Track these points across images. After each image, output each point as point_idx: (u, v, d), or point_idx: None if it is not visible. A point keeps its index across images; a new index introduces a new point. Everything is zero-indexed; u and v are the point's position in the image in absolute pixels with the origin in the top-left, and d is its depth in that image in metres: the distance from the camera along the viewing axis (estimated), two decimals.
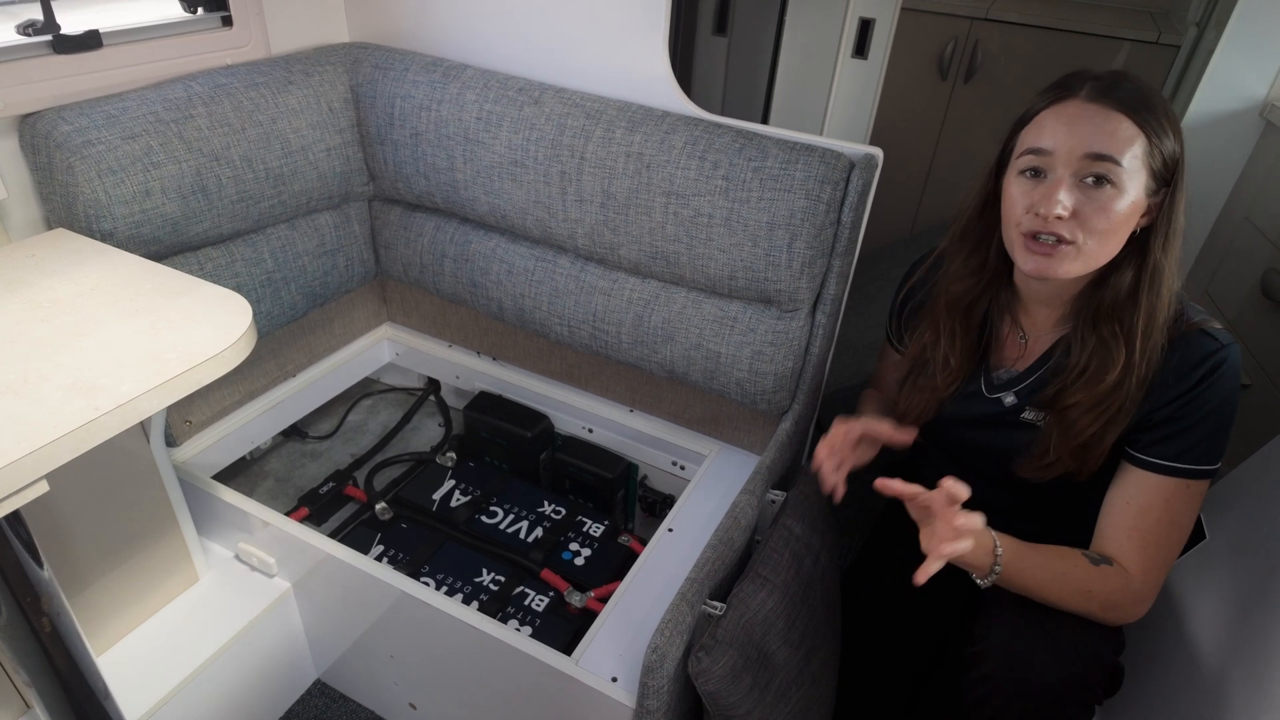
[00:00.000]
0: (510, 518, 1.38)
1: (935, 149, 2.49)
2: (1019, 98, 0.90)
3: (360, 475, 1.52)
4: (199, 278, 0.89)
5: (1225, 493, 1.14)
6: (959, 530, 0.79)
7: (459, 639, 1.05)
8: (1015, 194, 0.86)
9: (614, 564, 1.30)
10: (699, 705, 0.91)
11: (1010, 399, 0.98)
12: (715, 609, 0.91)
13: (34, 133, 1.02)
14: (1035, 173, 0.84)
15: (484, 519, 1.38)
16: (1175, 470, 0.87)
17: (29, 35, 1.04)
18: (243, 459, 1.45)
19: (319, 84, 1.29)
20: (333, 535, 1.31)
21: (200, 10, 1.24)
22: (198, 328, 0.80)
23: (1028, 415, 0.96)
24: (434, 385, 1.73)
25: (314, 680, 1.34)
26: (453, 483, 1.45)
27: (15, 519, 0.73)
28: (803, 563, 1.03)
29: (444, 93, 1.28)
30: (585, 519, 1.38)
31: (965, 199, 0.97)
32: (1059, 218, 0.81)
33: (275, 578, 1.22)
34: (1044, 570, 0.88)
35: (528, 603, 1.22)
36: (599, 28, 1.22)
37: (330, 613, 1.22)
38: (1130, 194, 0.81)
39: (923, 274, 1.08)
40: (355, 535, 1.34)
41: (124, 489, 1.06)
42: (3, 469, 0.61)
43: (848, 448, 0.98)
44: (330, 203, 1.38)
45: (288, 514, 1.28)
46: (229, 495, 1.19)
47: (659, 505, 1.49)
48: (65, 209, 1.04)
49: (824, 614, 1.06)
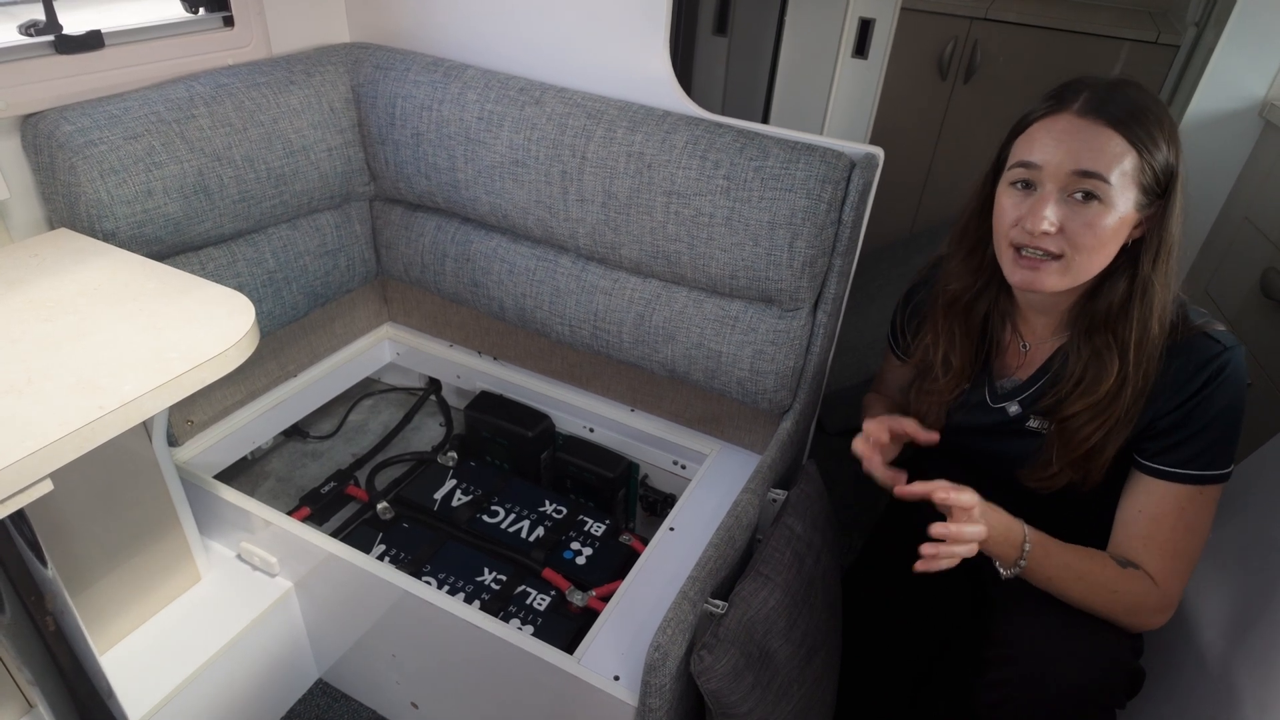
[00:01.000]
0: (512, 517, 1.38)
1: (935, 149, 2.49)
2: (1019, 98, 0.90)
3: (361, 475, 1.52)
4: (201, 277, 0.90)
5: (1228, 492, 1.14)
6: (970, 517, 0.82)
7: (461, 638, 1.05)
8: (1005, 205, 0.86)
9: (615, 563, 1.30)
10: (701, 704, 0.91)
11: (1015, 408, 0.98)
12: (717, 608, 0.91)
13: (36, 133, 1.02)
14: (1025, 185, 0.85)
15: (485, 518, 1.38)
16: (1186, 477, 0.87)
17: (31, 35, 1.04)
18: (244, 459, 1.45)
19: (320, 84, 1.29)
20: (334, 535, 1.31)
21: (202, 10, 1.25)
22: (200, 327, 0.80)
23: (1033, 424, 0.96)
24: (435, 385, 1.73)
25: (316, 679, 1.34)
26: (454, 482, 1.45)
27: (19, 518, 0.73)
28: (804, 561, 1.03)
29: (445, 93, 1.29)
30: (586, 518, 1.38)
31: (967, 200, 0.97)
32: (1045, 233, 0.82)
33: (277, 577, 1.22)
34: (1070, 567, 0.88)
35: (529, 602, 1.22)
36: (600, 28, 1.22)
37: (332, 612, 1.22)
38: (1118, 210, 0.81)
39: (922, 276, 1.08)
40: (357, 535, 1.34)
41: (126, 489, 1.06)
42: (7, 468, 0.61)
43: (884, 444, 0.98)
44: (331, 202, 1.38)
45: (289, 514, 1.28)
46: (231, 495, 1.19)
47: (660, 504, 1.49)
48: (68, 209, 1.04)
49: (825, 613, 1.06)
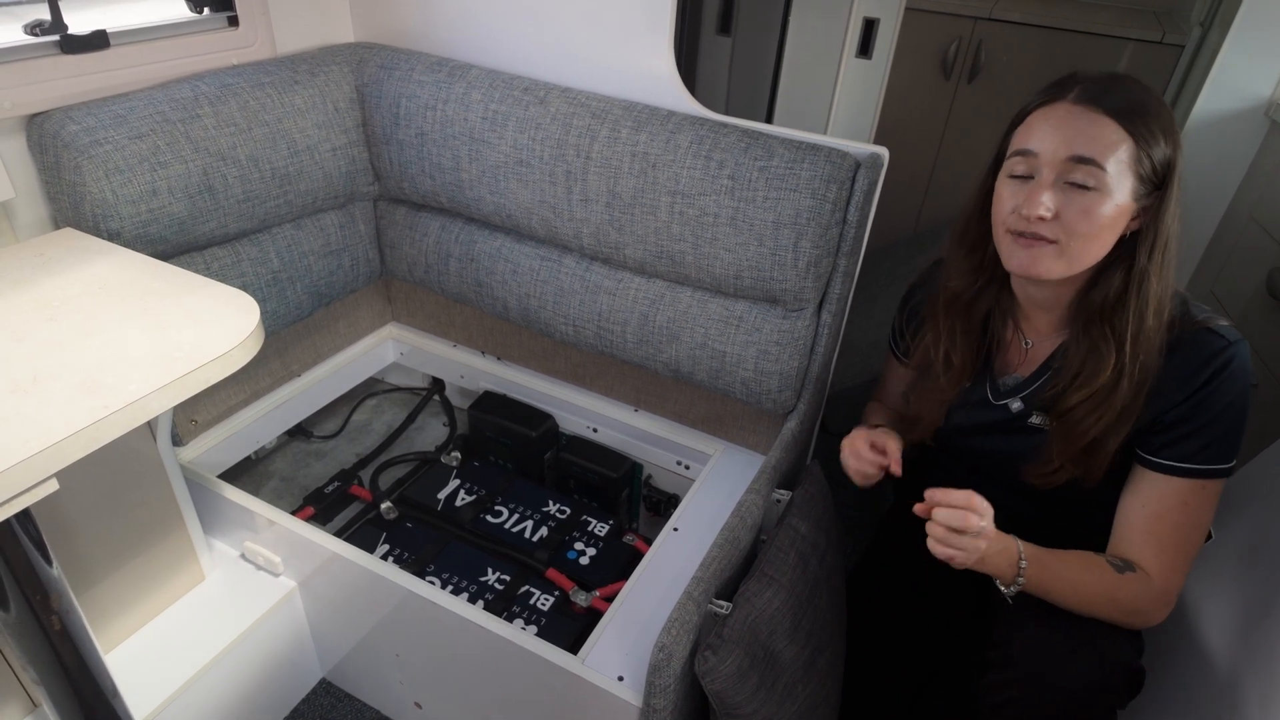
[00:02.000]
0: (515, 517, 1.38)
1: (939, 149, 2.48)
2: (1022, 97, 0.90)
3: (365, 475, 1.52)
4: (205, 277, 0.90)
5: (1232, 492, 1.14)
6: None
7: (464, 638, 1.05)
8: (1004, 194, 0.87)
9: (619, 563, 1.30)
10: (705, 704, 0.91)
11: (1017, 404, 0.98)
12: (721, 608, 0.91)
13: (41, 132, 1.02)
14: (1024, 175, 0.85)
15: (489, 518, 1.38)
16: (1188, 471, 0.87)
17: (36, 35, 1.05)
18: (248, 458, 1.45)
19: (324, 84, 1.29)
20: (338, 535, 1.31)
21: (206, 10, 1.25)
22: (205, 327, 0.80)
23: (1035, 420, 0.97)
24: (439, 385, 1.73)
25: (319, 679, 1.34)
26: (458, 482, 1.45)
27: (25, 517, 0.73)
28: (808, 562, 1.03)
29: (449, 92, 1.29)
30: (590, 518, 1.38)
31: (968, 199, 0.97)
32: (1041, 218, 0.82)
33: (281, 577, 1.22)
34: (1068, 578, 0.88)
35: (533, 602, 1.22)
36: (604, 27, 1.22)
37: (336, 612, 1.22)
38: (1115, 198, 0.81)
39: (922, 277, 1.08)
40: (360, 534, 1.34)
41: (131, 488, 1.06)
42: (13, 467, 0.61)
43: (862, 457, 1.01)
44: (336, 202, 1.38)
45: (293, 513, 1.28)
46: (235, 494, 1.19)
47: (663, 505, 1.49)
48: (73, 208, 1.04)
49: (830, 613, 1.06)
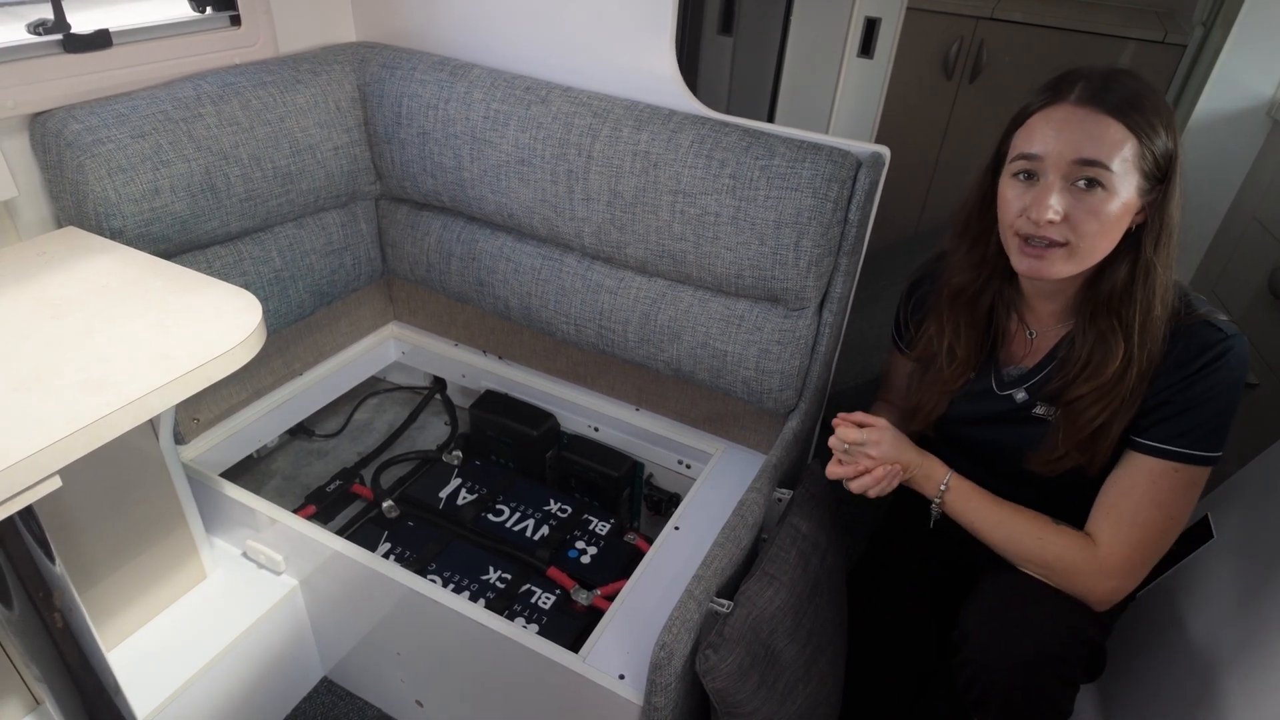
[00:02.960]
0: (516, 516, 1.39)
1: (940, 148, 2.48)
2: (1024, 97, 0.90)
3: (367, 473, 1.53)
4: (208, 276, 0.90)
5: (1232, 491, 1.14)
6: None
7: (466, 636, 1.05)
8: (1009, 196, 0.87)
9: (620, 562, 1.30)
10: (706, 703, 0.91)
11: (1021, 395, 0.99)
12: (722, 607, 0.91)
13: (44, 131, 1.02)
14: (1028, 175, 0.86)
15: (490, 517, 1.38)
16: (1162, 452, 0.88)
17: (40, 34, 1.05)
18: (250, 457, 1.46)
19: (327, 83, 1.29)
20: (340, 533, 1.31)
21: (209, 10, 1.25)
22: (207, 325, 0.80)
23: (1039, 410, 0.98)
24: (440, 384, 1.73)
25: (321, 677, 1.35)
26: (459, 481, 1.45)
27: (28, 514, 0.73)
28: (809, 561, 1.03)
29: (451, 92, 1.29)
30: (591, 517, 1.38)
31: (966, 195, 0.98)
32: (1050, 222, 0.83)
33: (282, 575, 1.23)
34: (996, 516, 0.93)
35: (534, 600, 1.22)
36: (606, 27, 1.22)
37: (337, 610, 1.22)
38: (1121, 196, 0.82)
39: (925, 270, 1.08)
40: (362, 533, 1.35)
41: (133, 486, 1.06)
42: (16, 464, 0.62)
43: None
44: (337, 201, 1.39)
45: (295, 512, 1.28)
46: (236, 493, 1.19)
47: (664, 504, 1.49)
48: (75, 207, 1.04)
49: (831, 612, 1.06)
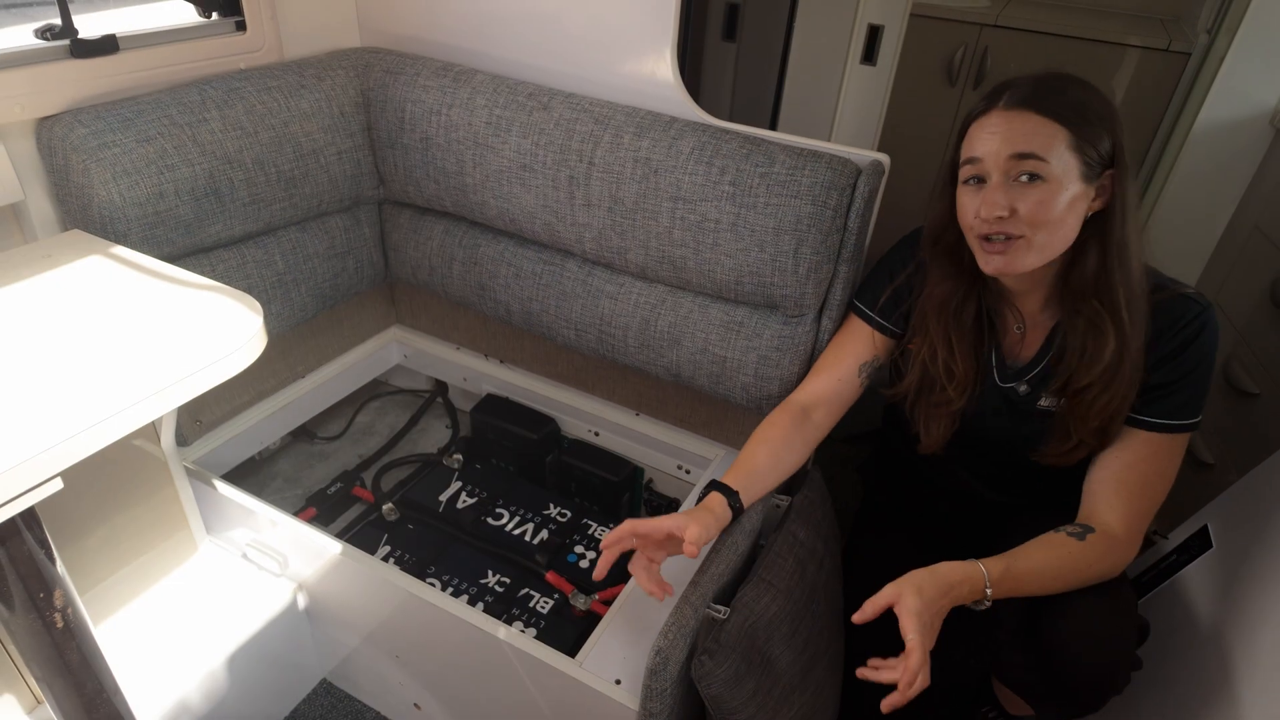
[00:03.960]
0: (516, 520, 1.39)
1: (943, 156, 2.48)
2: None
3: (368, 476, 1.53)
4: (211, 279, 0.91)
5: (1231, 501, 1.13)
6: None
7: (464, 640, 1.06)
8: (964, 202, 0.91)
9: (619, 567, 1.29)
10: (702, 709, 0.91)
11: (1024, 388, 1.01)
12: (719, 613, 0.91)
13: (51, 135, 1.03)
14: (977, 180, 0.90)
15: (490, 521, 1.38)
16: (1162, 426, 0.93)
17: (47, 39, 1.06)
18: (252, 459, 1.46)
19: (331, 88, 1.30)
20: (340, 536, 1.31)
21: (215, 15, 1.26)
22: (209, 329, 0.81)
23: (1044, 403, 0.99)
24: (441, 387, 1.73)
25: (320, 679, 1.35)
26: (459, 484, 1.46)
27: (29, 515, 0.74)
28: (806, 568, 1.03)
29: (454, 97, 1.29)
30: (591, 522, 1.39)
31: (929, 208, 1.00)
32: (1000, 218, 0.86)
33: (282, 577, 1.23)
34: (1038, 570, 0.91)
35: (533, 605, 1.22)
36: (608, 34, 1.23)
37: (337, 612, 1.23)
38: (1066, 185, 0.85)
39: (906, 278, 1.06)
40: (362, 536, 1.35)
41: (135, 487, 1.07)
42: (18, 466, 0.62)
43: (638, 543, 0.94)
44: (341, 205, 1.39)
45: (295, 514, 1.29)
46: (237, 495, 1.20)
47: (664, 509, 1.49)
48: (81, 210, 1.05)
49: (828, 620, 1.06)
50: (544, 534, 1.36)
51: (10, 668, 0.97)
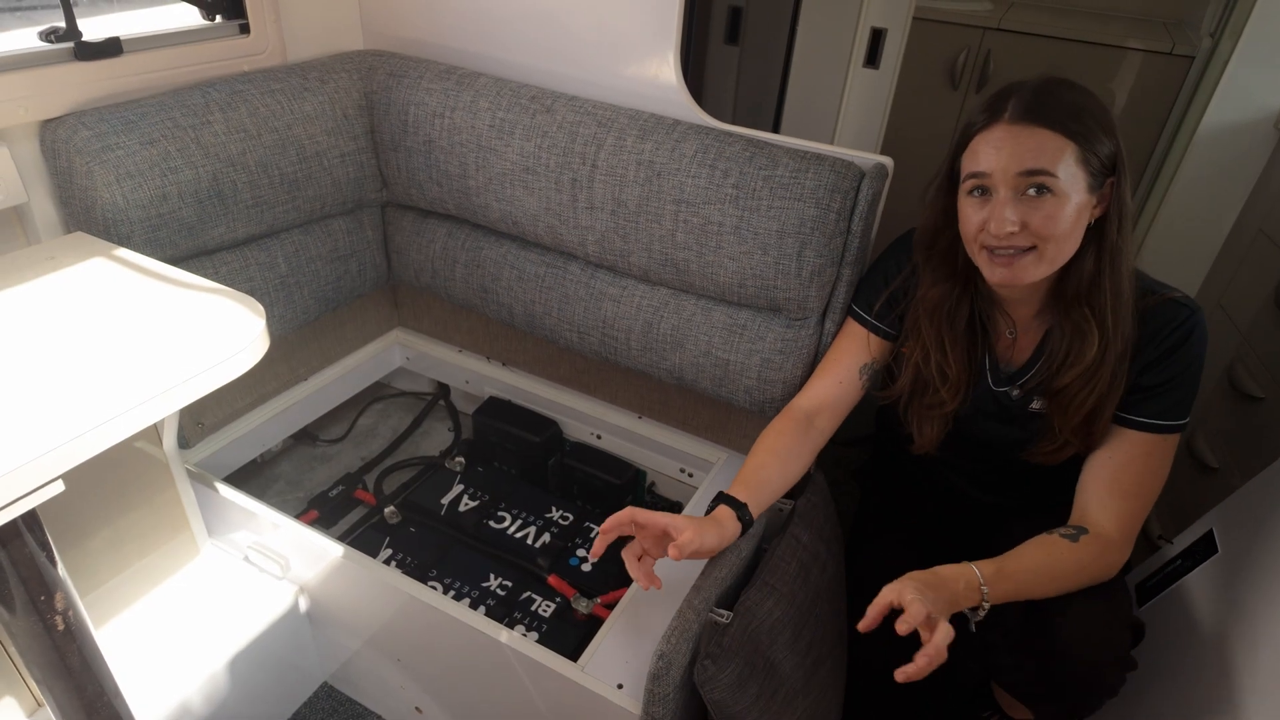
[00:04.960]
0: (518, 523, 1.39)
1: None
2: None
3: (370, 479, 1.53)
4: (214, 281, 0.91)
5: (1236, 506, 1.13)
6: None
7: (466, 644, 1.05)
8: (968, 212, 0.91)
9: (620, 570, 1.28)
10: (705, 713, 0.91)
11: (1016, 392, 1.01)
12: (722, 617, 0.90)
13: (55, 138, 1.04)
14: (981, 191, 0.89)
15: (492, 524, 1.38)
16: (1155, 427, 0.94)
17: (51, 42, 1.06)
18: (254, 461, 1.46)
19: (334, 91, 1.30)
20: (342, 538, 1.31)
21: (218, 18, 1.26)
22: (211, 331, 0.81)
23: (1035, 406, 1.00)
24: (444, 390, 1.73)
25: (321, 683, 1.35)
26: (461, 487, 1.46)
27: (31, 517, 0.74)
28: (810, 572, 1.03)
29: (457, 100, 1.30)
30: (593, 525, 1.38)
31: (923, 212, 1.00)
32: (1010, 233, 0.86)
33: (284, 580, 1.23)
34: (1033, 572, 0.91)
35: (534, 608, 1.22)
36: (612, 36, 1.23)
37: (338, 616, 1.22)
38: (1073, 198, 0.85)
39: (902, 281, 1.07)
40: (364, 538, 1.35)
41: (137, 490, 1.07)
42: (20, 468, 0.62)
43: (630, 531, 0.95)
44: (344, 208, 1.39)
45: (297, 517, 1.29)
46: (239, 498, 1.20)
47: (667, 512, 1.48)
48: (84, 212, 1.05)
49: (831, 624, 1.06)
50: (546, 537, 1.35)
51: (11, 670, 0.97)
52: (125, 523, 1.06)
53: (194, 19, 1.25)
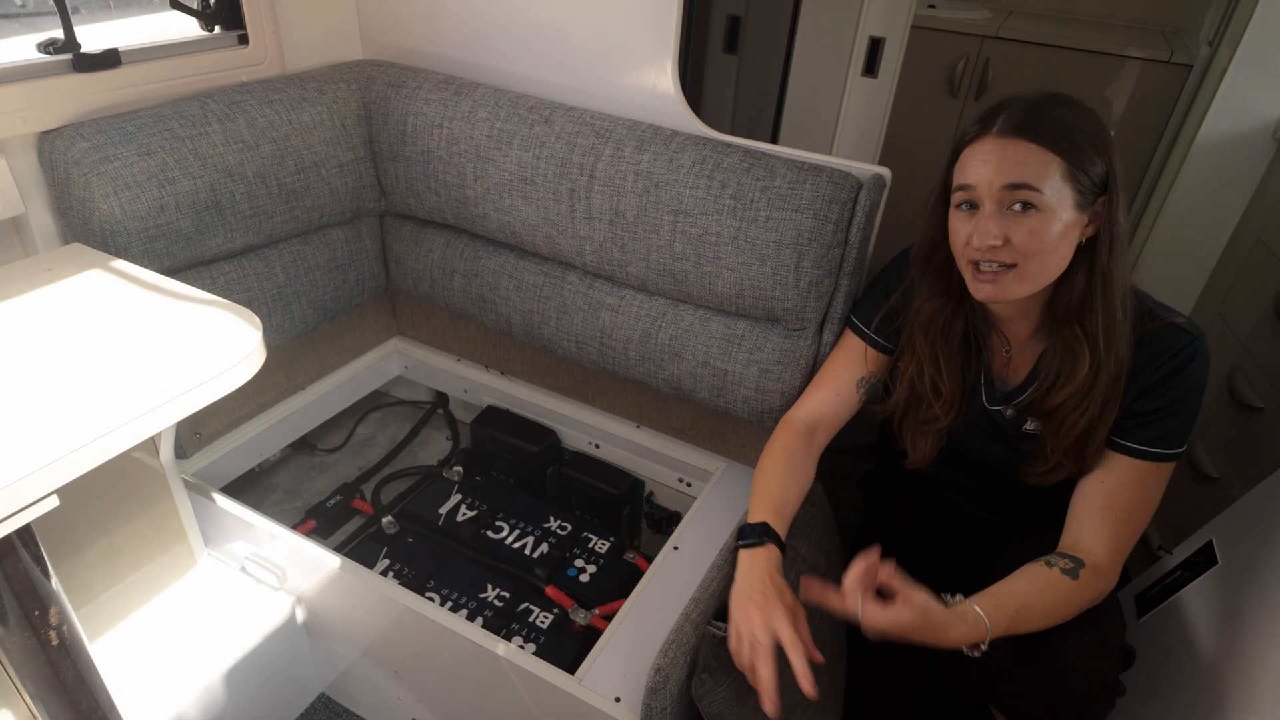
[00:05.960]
0: (516, 533, 1.38)
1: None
2: None
3: (367, 488, 1.53)
4: (211, 292, 0.90)
5: (1236, 516, 1.13)
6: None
7: (463, 655, 1.05)
8: (956, 226, 0.91)
9: (619, 581, 1.29)
10: None
11: (1010, 412, 1.00)
12: (720, 630, 0.90)
13: (52, 149, 1.04)
14: (969, 205, 0.89)
15: (490, 534, 1.38)
16: (1147, 454, 0.92)
17: (50, 54, 1.06)
18: (251, 471, 1.46)
19: (332, 101, 1.31)
20: (339, 548, 1.31)
21: (217, 29, 1.26)
22: (209, 343, 0.81)
23: (1029, 427, 0.99)
24: (442, 399, 1.73)
25: (318, 694, 1.34)
26: (459, 497, 1.45)
27: (25, 532, 0.73)
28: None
29: (455, 110, 1.30)
30: (591, 535, 1.38)
31: (920, 225, 0.99)
32: (993, 247, 0.86)
33: (281, 591, 1.23)
34: (1039, 614, 0.89)
35: (532, 619, 1.21)
36: (609, 47, 1.23)
37: (335, 626, 1.22)
38: (1059, 214, 0.84)
39: (901, 294, 1.06)
40: (361, 548, 1.35)
41: (133, 500, 1.07)
42: (14, 484, 0.62)
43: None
44: (342, 218, 1.40)
45: (295, 527, 1.29)
46: (236, 508, 1.19)
47: (665, 522, 1.48)
48: (82, 224, 1.05)
49: (829, 636, 1.05)
50: (544, 547, 1.35)
51: (5, 684, 0.97)
52: (121, 534, 1.06)
53: (192, 30, 1.25)
